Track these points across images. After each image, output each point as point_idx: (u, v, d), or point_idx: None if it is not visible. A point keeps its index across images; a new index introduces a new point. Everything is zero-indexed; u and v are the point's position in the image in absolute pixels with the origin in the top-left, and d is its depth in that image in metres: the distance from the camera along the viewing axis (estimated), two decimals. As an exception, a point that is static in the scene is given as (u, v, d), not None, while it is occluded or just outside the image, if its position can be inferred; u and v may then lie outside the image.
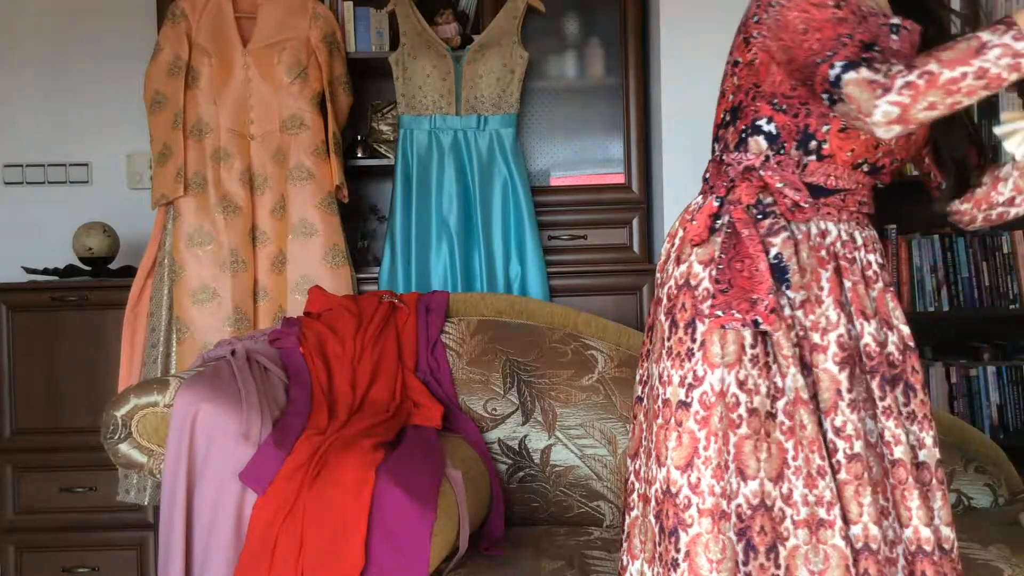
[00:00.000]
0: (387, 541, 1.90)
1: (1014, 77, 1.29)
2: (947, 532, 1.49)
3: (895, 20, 1.48)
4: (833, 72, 1.36)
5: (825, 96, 1.39)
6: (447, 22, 3.13)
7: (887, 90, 1.31)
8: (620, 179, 3.18)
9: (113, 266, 3.23)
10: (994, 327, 3.47)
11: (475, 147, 3.08)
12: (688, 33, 2.97)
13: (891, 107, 1.31)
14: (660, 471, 1.47)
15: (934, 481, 1.50)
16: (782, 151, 1.51)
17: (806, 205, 1.48)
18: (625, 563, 1.60)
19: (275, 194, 2.98)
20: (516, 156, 3.08)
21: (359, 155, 3.25)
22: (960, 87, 1.29)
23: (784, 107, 1.50)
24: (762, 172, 1.50)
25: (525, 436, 2.54)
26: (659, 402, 1.49)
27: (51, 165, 3.48)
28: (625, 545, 1.60)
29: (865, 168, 1.52)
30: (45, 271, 3.15)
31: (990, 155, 1.66)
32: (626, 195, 3.18)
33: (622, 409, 2.54)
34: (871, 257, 1.54)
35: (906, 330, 1.54)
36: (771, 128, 1.51)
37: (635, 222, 3.18)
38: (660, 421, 1.48)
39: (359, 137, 3.28)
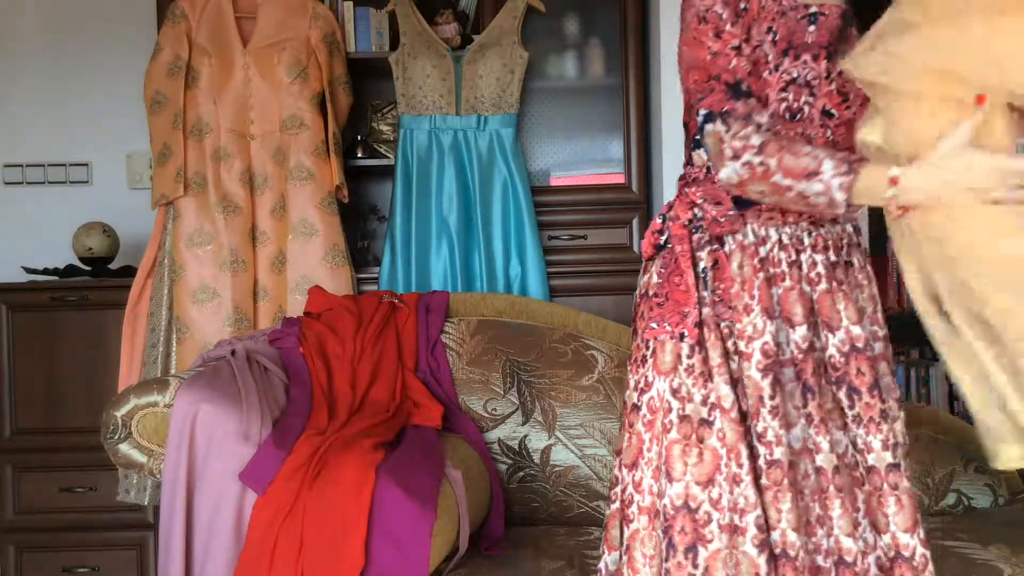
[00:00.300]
0: (387, 541, 1.90)
1: (830, 214, 1.35)
2: (906, 539, 1.48)
3: (813, 8, 1.49)
4: (698, 119, 1.43)
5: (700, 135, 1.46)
6: (447, 22, 3.13)
7: (736, 157, 1.37)
8: (620, 179, 3.18)
9: (113, 266, 3.23)
10: (994, 327, 3.46)
11: (475, 147, 3.08)
12: (688, 33, 2.96)
13: (733, 174, 1.39)
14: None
15: (885, 486, 1.48)
16: None
17: (723, 220, 1.50)
18: (601, 552, 1.65)
19: (275, 194, 2.98)
20: (516, 156, 3.08)
21: (359, 155, 3.25)
22: (785, 196, 1.36)
23: None
24: (688, 188, 1.55)
25: (525, 436, 2.54)
26: (624, 405, 1.58)
27: (51, 165, 3.48)
28: (603, 535, 1.65)
29: None
30: (45, 271, 3.15)
31: None
32: (626, 195, 3.17)
33: (622, 409, 2.54)
34: (818, 257, 1.51)
35: (856, 331, 1.49)
36: None
37: (635, 222, 3.18)
38: (621, 421, 1.57)
39: (359, 137, 3.28)
